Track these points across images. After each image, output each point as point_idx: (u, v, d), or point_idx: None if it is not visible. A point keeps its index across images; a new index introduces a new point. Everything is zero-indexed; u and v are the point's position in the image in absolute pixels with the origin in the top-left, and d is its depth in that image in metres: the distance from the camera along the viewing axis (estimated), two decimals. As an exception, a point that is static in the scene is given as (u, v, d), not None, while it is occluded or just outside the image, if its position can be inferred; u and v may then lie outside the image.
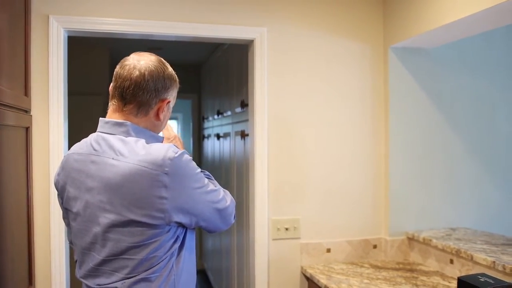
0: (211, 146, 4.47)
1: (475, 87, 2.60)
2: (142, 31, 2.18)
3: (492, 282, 1.56)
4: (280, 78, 2.37)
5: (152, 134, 1.30)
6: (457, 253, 2.08)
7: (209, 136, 4.66)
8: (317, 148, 2.43)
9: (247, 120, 2.62)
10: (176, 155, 1.18)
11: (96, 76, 4.05)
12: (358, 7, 2.49)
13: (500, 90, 2.66)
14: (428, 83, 2.52)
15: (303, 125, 2.41)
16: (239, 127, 2.98)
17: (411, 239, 2.45)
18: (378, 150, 2.51)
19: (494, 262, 1.86)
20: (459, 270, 2.09)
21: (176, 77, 1.35)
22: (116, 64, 1.33)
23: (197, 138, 5.60)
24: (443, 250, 2.19)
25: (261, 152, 2.34)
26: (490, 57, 2.64)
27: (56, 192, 2.09)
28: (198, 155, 5.48)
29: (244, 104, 2.77)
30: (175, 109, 1.47)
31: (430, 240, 2.27)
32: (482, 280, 1.58)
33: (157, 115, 1.30)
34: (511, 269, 1.77)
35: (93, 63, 4.07)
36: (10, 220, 1.70)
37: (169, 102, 1.32)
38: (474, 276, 1.58)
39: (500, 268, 1.82)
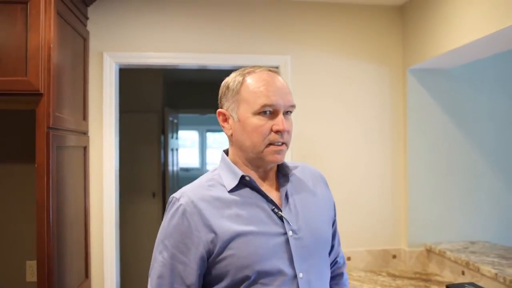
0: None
1: (495, 105, 2.68)
2: (182, 63, 2.53)
3: (476, 291, 1.70)
4: (303, 100, 2.60)
5: (230, 166, 1.16)
6: (467, 265, 2.20)
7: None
8: (339, 165, 2.63)
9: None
10: (171, 201, 1.12)
11: (151, 95, 4.42)
12: (378, 32, 2.67)
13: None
14: (448, 102, 2.64)
15: (325, 143, 2.62)
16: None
17: (429, 251, 2.58)
18: (397, 168, 2.67)
19: (496, 274, 1.98)
20: (469, 281, 2.21)
21: (234, 83, 1.14)
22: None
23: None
24: (455, 262, 2.32)
25: (287, 167, 2.57)
26: (510, 75, 2.71)
27: (107, 200, 2.45)
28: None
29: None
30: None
31: (445, 252, 2.40)
32: (468, 289, 1.72)
33: (224, 129, 1.18)
34: (511, 280, 1.90)
35: (148, 82, 4.45)
36: (70, 224, 2.07)
37: (223, 113, 1.15)
38: (462, 284, 1.73)
39: (501, 280, 1.94)
